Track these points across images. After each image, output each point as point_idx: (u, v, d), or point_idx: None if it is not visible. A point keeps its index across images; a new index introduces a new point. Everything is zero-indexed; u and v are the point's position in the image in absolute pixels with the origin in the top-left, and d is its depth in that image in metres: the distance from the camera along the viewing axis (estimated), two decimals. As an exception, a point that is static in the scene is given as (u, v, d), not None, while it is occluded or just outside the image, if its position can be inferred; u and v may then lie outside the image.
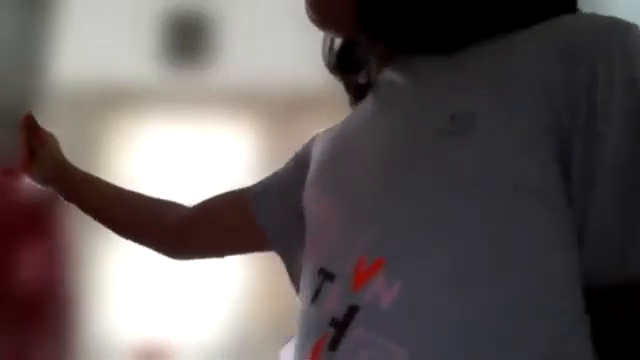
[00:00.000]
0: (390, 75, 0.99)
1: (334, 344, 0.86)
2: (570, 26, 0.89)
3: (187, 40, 3.85)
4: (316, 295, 0.92)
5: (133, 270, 3.71)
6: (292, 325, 1.01)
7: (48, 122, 1.39)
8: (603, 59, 0.85)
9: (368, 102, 1.02)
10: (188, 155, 3.82)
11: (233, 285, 3.84)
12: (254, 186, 1.23)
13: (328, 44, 1.11)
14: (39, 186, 1.31)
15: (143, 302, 3.79)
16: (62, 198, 1.30)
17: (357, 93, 1.11)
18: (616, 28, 0.87)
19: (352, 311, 0.86)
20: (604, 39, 0.86)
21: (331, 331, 0.87)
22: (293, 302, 1.05)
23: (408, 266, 0.85)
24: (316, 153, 1.09)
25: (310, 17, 1.00)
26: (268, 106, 3.88)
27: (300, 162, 1.17)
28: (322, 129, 1.18)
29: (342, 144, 1.01)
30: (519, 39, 0.90)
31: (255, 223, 1.20)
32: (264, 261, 1.27)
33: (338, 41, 1.10)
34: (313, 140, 1.17)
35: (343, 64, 1.10)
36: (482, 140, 0.86)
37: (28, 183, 1.27)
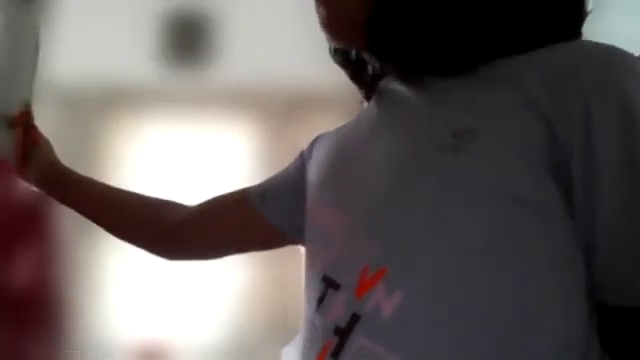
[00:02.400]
0: (396, 85, 1.00)
1: (336, 352, 0.87)
2: (563, 53, 0.91)
3: (187, 40, 3.85)
4: (320, 302, 0.92)
5: (133, 270, 3.71)
6: (292, 325, 1.01)
7: (48, 122, 1.38)
8: (596, 87, 0.87)
9: (372, 110, 1.03)
10: (188, 155, 3.82)
11: (233, 285, 3.84)
12: (258, 186, 1.22)
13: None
14: (32, 187, 1.29)
15: (143, 302, 3.79)
16: (55, 200, 1.28)
17: (365, 85, 1.11)
18: (613, 58, 0.89)
19: (354, 319, 0.87)
20: (595, 67, 0.88)
21: (335, 339, 0.88)
22: (293, 302, 1.05)
23: (409, 277, 0.86)
24: (319, 158, 1.09)
25: (323, 32, 1.01)
26: (268, 106, 3.88)
27: (304, 160, 1.17)
28: (321, 129, 1.18)
29: (345, 154, 1.02)
30: (522, 63, 0.91)
31: (265, 222, 1.19)
32: (263, 261, 1.27)
33: None
34: (315, 141, 1.17)
35: (345, 57, 1.10)
36: (482, 157, 0.88)
37: (23, 183, 1.26)
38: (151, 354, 3.81)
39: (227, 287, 3.84)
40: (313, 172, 1.07)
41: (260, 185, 1.22)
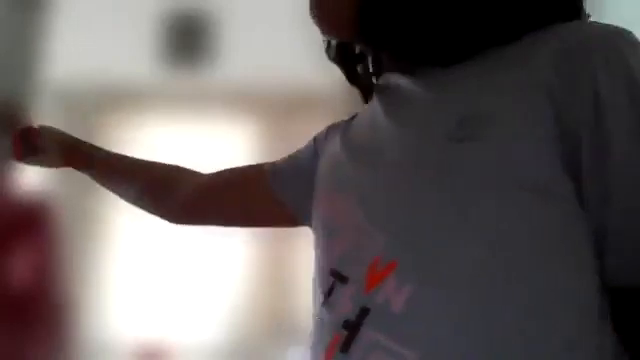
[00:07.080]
0: (399, 79, 1.00)
1: (346, 346, 0.87)
2: (570, 35, 0.90)
3: (187, 40, 3.85)
4: (328, 296, 0.92)
5: (133, 270, 3.71)
6: (291, 325, 1.01)
7: (47, 122, 1.39)
8: (603, 65, 0.87)
9: (376, 104, 1.02)
10: (188, 155, 3.82)
11: (233, 285, 3.84)
12: (272, 163, 1.24)
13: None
14: (56, 167, 1.34)
15: (143, 302, 3.79)
16: (84, 174, 1.33)
17: (362, 86, 1.11)
18: (611, 34, 0.89)
19: (363, 313, 0.87)
20: (601, 46, 0.88)
21: (343, 333, 0.87)
22: (293, 302, 1.05)
23: (419, 270, 0.86)
24: (330, 150, 1.09)
25: (313, 21, 1.00)
26: (268, 106, 3.88)
27: (317, 146, 1.17)
28: (321, 129, 1.18)
29: (354, 147, 1.01)
30: (524, 47, 0.91)
31: (274, 197, 1.20)
32: (264, 261, 1.28)
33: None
34: (329, 130, 1.17)
35: (342, 55, 1.10)
36: (491, 144, 0.87)
37: (25, 182, 1.28)
38: (151, 354, 3.82)
39: (227, 288, 3.84)
40: (323, 163, 1.07)
41: (275, 163, 1.23)
